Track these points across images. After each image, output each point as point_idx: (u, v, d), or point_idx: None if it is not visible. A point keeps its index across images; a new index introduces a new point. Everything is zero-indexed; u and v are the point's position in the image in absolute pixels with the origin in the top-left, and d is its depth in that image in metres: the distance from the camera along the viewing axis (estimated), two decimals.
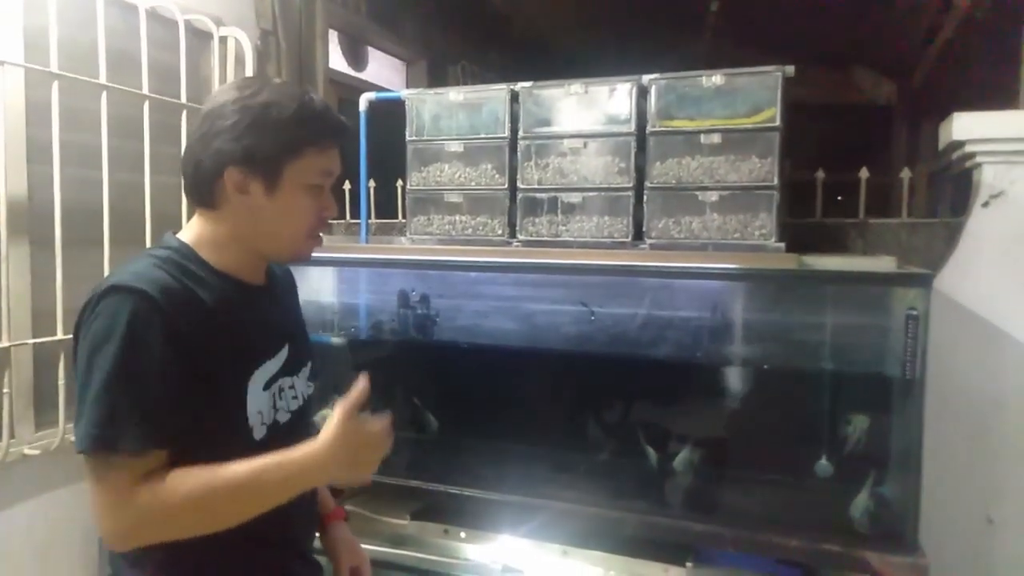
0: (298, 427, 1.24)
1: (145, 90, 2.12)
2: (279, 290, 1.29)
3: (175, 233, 1.17)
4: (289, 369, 1.21)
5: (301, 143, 1.09)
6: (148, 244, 2.12)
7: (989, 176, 1.88)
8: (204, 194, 1.12)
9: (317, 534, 1.39)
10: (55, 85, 1.87)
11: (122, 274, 1.04)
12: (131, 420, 0.97)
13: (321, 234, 1.20)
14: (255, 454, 1.08)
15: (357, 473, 1.09)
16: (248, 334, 1.14)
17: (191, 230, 1.15)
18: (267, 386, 1.16)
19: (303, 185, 1.11)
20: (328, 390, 2.20)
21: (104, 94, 2.00)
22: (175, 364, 1.01)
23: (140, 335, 0.99)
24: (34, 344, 1.91)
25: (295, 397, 1.23)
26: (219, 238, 1.13)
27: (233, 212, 1.11)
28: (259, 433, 1.13)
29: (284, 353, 1.20)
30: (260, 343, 1.17)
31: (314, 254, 1.21)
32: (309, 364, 1.31)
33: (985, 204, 1.89)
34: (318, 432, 1.08)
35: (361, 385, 1.10)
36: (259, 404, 1.13)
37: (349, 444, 1.06)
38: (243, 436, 1.11)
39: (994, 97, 2.23)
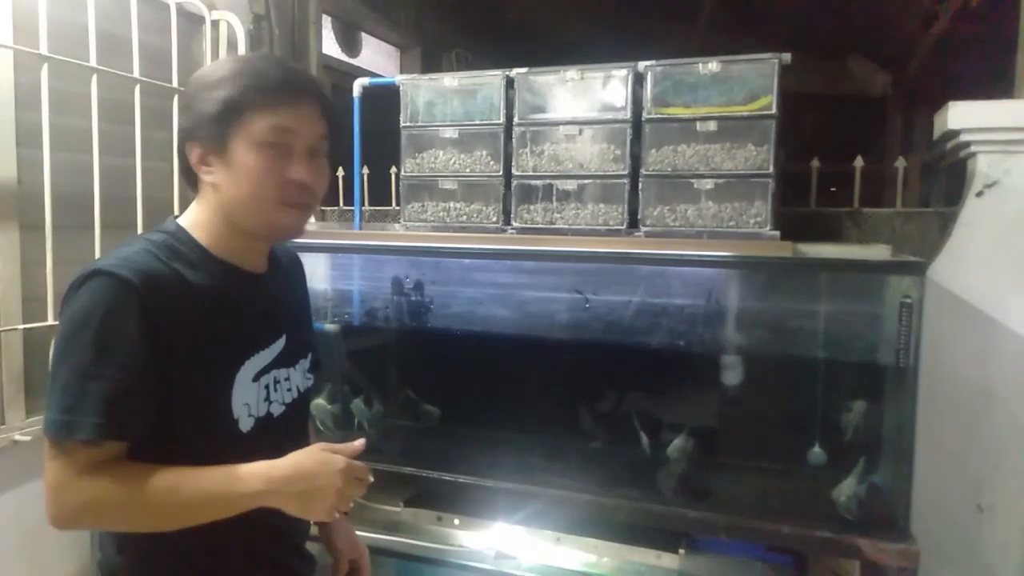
0: (293, 421, 1.22)
1: (136, 74, 2.10)
2: (282, 279, 1.26)
3: (177, 217, 1.16)
4: (284, 361, 1.19)
5: (240, 103, 1.06)
6: (140, 229, 2.10)
7: (983, 165, 1.88)
8: (188, 177, 1.14)
9: (316, 526, 1.39)
10: (44, 68, 1.85)
11: (109, 258, 1.04)
12: (93, 410, 0.97)
13: (308, 204, 1.12)
14: (242, 446, 1.07)
15: (309, 506, 1.03)
16: (239, 323, 1.13)
17: (189, 213, 1.15)
18: (257, 377, 1.13)
19: (252, 145, 1.06)
20: (322, 378, 2.20)
21: (94, 77, 1.98)
22: (149, 354, 1.00)
23: (114, 324, 0.99)
24: (24, 330, 1.90)
25: (290, 390, 1.21)
26: (206, 219, 1.13)
27: (208, 190, 1.11)
28: (246, 425, 1.11)
29: (280, 344, 1.18)
30: (252, 332, 1.15)
31: (308, 240, 1.19)
32: (309, 356, 1.29)
33: (979, 194, 1.89)
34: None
35: (358, 444, 1.10)
36: (246, 395, 1.11)
37: (311, 473, 1.02)
38: (227, 427, 1.09)
39: (989, 87, 2.23)
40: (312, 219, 2.60)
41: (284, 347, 1.19)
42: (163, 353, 1.01)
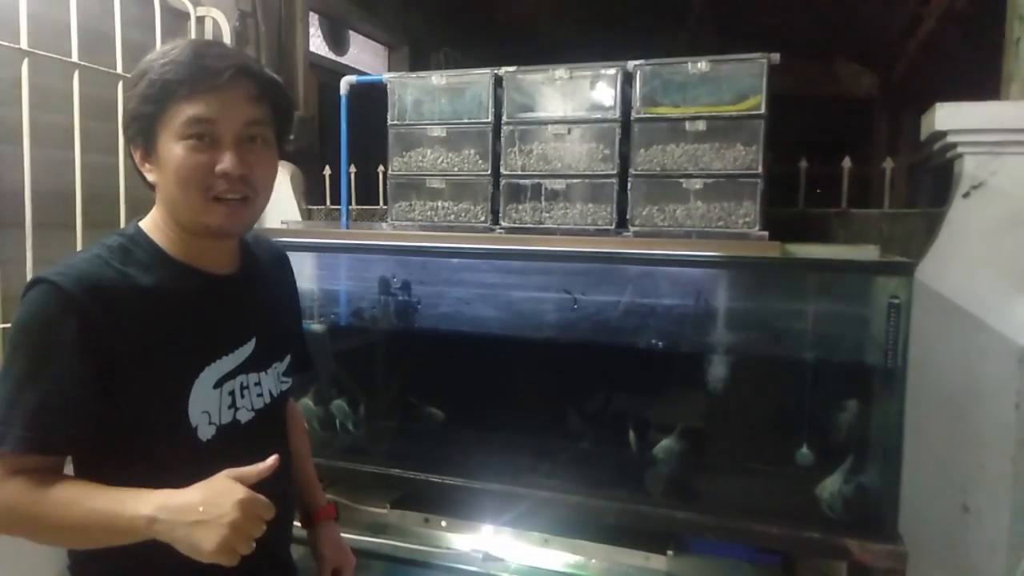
0: (264, 427, 1.17)
1: (119, 70, 2.07)
2: (256, 279, 1.21)
3: (140, 219, 1.13)
4: (253, 365, 1.15)
5: (157, 98, 1.01)
6: (121, 228, 2.08)
7: (970, 167, 1.89)
8: (141, 177, 1.10)
9: (305, 531, 1.37)
10: (25, 63, 1.82)
11: (57, 265, 1.01)
12: (20, 423, 0.96)
13: (246, 197, 1.05)
14: (203, 455, 1.03)
15: (199, 540, 0.90)
16: (198, 327, 1.08)
17: (149, 215, 1.12)
18: (219, 384, 1.09)
19: (173, 138, 1.02)
20: (306, 378, 2.18)
21: (76, 73, 1.95)
22: (88, 365, 0.97)
23: (50, 335, 0.97)
24: (3, 329, 1.86)
25: (260, 395, 1.16)
26: (160, 219, 1.10)
27: (157, 191, 1.09)
28: (206, 433, 1.07)
29: (248, 348, 1.14)
30: (213, 337, 1.11)
31: (294, 239, 1.17)
32: (287, 359, 1.25)
33: (966, 195, 1.90)
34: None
35: (265, 464, 0.97)
36: (206, 403, 1.07)
37: (205, 502, 0.92)
38: (185, 436, 1.05)
39: (975, 88, 2.24)
40: (298, 217, 2.59)
41: (253, 351, 1.15)
42: (105, 364, 0.99)
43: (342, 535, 1.41)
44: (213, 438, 1.08)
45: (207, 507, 0.91)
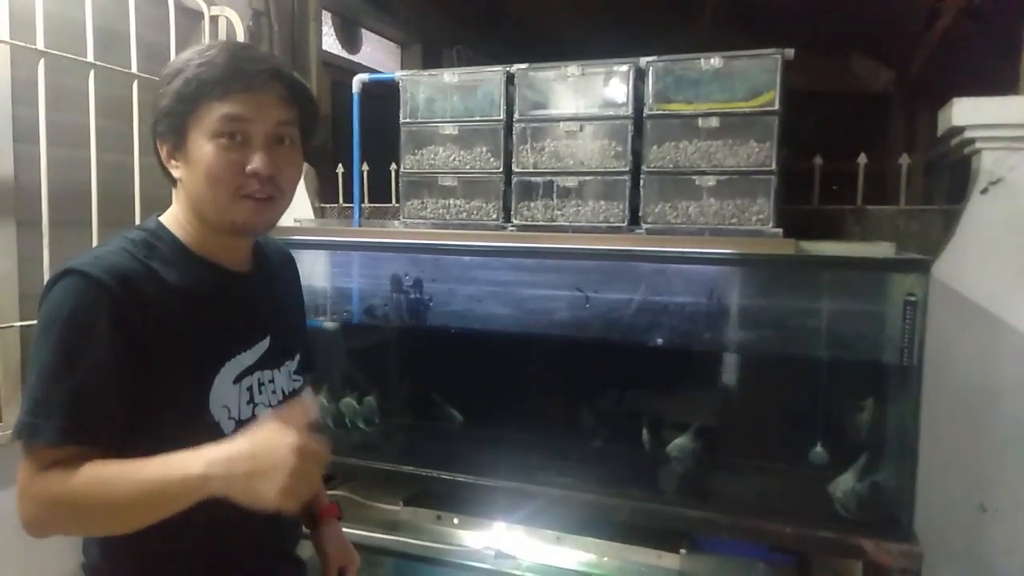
0: None
1: (134, 69, 2.08)
2: (268, 278, 1.23)
3: (160, 214, 1.14)
4: (268, 362, 1.16)
5: (191, 95, 1.03)
6: (141, 222, 2.10)
7: (988, 162, 1.86)
8: (165, 173, 1.11)
9: (307, 528, 1.37)
10: (41, 63, 1.83)
11: (83, 256, 1.02)
12: (56, 414, 0.95)
13: (272, 197, 1.07)
14: None
15: (257, 490, 0.89)
16: (219, 323, 1.10)
17: (170, 211, 1.14)
18: (239, 379, 1.11)
19: (204, 135, 1.03)
20: (319, 376, 2.19)
21: (92, 73, 1.96)
22: (119, 356, 0.98)
23: (83, 325, 0.97)
24: (21, 327, 1.88)
25: (275, 392, 1.18)
26: (183, 216, 1.11)
27: (179, 186, 1.10)
28: (227, 428, 1.08)
29: (263, 345, 1.15)
30: (233, 333, 1.12)
31: (307, 236, 1.18)
32: (297, 357, 1.26)
33: (983, 191, 1.87)
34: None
35: (307, 403, 0.98)
36: (226, 398, 1.08)
37: (258, 451, 0.91)
38: (207, 431, 1.05)
39: (993, 84, 2.21)
40: (311, 215, 2.60)
41: (268, 348, 1.16)
42: (135, 354, 0.99)
43: (348, 532, 1.42)
44: (232, 434, 1.08)
45: (261, 458, 0.90)
